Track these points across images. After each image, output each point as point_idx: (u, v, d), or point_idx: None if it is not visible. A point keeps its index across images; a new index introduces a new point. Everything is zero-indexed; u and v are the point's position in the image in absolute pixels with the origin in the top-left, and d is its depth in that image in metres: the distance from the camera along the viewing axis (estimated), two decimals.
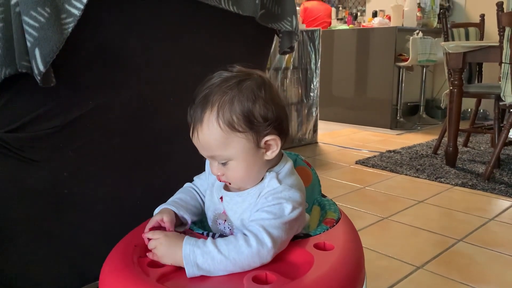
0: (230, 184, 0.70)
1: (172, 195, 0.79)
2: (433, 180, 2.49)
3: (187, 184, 0.82)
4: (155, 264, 0.63)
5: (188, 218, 0.73)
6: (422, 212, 2.02)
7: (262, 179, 0.69)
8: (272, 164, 0.71)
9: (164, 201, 0.76)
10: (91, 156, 1.04)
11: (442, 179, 2.48)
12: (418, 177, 2.55)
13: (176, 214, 0.72)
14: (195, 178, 0.82)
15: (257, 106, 0.65)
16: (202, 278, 0.60)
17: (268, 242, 0.60)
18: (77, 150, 1.00)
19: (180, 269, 0.62)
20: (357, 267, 0.64)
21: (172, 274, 0.61)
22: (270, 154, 0.68)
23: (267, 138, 0.67)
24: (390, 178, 2.55)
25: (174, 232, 0.67)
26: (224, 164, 0.67)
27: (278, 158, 0.72)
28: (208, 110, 0.65)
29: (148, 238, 0.66)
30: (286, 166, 0.71)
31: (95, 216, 1.07)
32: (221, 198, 0.72)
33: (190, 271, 0.60)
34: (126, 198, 1.11)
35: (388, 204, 2.12)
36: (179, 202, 0.75)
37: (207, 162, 0.78)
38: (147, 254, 0.65)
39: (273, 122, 0.66)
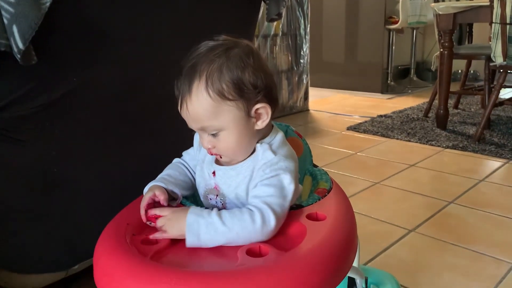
0: (221, 158, 0.69)
1: (162, 170, 0.79)
2: (424, 144, 2.50)
3: (175, 160, 0.81)
4: (149, 242, 0.62)
5: (178, 192, 0.73)
6: (413, 176, 2.04)
7: (254, 151, 0.69)
8: (263, 135, 0.70)
9: (155, 177, 0.76)
10: (79, 134, 1.02)
11: (433, 142, 2.50)
12: (409, 141, 2.57)
13: (166, 190, 0.71)
14: (183, 153, 0.81)
15: (246, 73, 0.64)
16: (197, 254, 0.61)
17: (272, 221, 0.60)
18: (64, 129, 0.99)
19: (174, 245, 0.62)
20: (350, 236, 0.64)
21: (166, 250, 0.61)
22: (261, 124, 0.67)
23: (257, 106, 0.65)
24: (381, 143, 2.56)
25: (180, 207, 0.67)
26: (214, 135, 0.66)
27: (268, 130, 0.71)
28: (196, 80, 0.63)
29: (154, 217, 0.65)
30: (277, 137, 0.70)
31: (86, 194, 1.07)
32: (213, 172, 0.71)
33: (190, 240, 0.60)
34: (116, 175, 1.11)
35: (379, 169, 2.13)
36: (168, 178, 0.74)
37: (196, 138, 0.77)
38: (154, 235, 0.64)
39: (263, 89, 0.65)
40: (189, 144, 0.82)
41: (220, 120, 0.64)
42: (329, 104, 3.70)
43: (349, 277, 0.80)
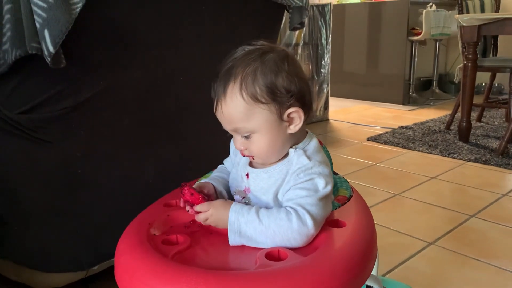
0: (254, 159, 0.70)
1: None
2: (445, 156, 2.47)
3: (221, 165, 0.83)
4: (169, 242, 0.63)
5: (226, 195, 0.75)
6: (434, 188, 2.01)
7: (287, 155, 0.69)
8: (297, 140, 0.70)
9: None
10: (103, 136, 1.04)
11: (455, 155, 2.46)
12: (430, 153, 2.53)
13: (215, 189, 0.74)
14: (224, 161, 0.83)
15: (280, 78, 0.65)
16: (216, 256, 0.61)
17: (309, 220, 0.61)
18: (89, 131, 1.01)
19: (193, 247, 0.63)
20: (369, 243, 0.64)
21: (186, 251, 0.62)
22: (293, 128, 0.68)
23: (290, 110, 0.66)
24: (402, 154, 2.54)
25: (219, 200, 0.68)
26: (247, 137, 0.67)
27: (303, 135, 0.71)
28: (231, 83, 0.65)
29: (196, 211, 0.67)
30: (312, 143, 0.71)
31: (108, 195, 1.09)
32: (247, 175, 0.71)
33: (232, 239, 0.62)
34: (139, 177, 1.13)
35: (400, 180, 2.11)
36: (219, 179, 0.77)
37: (232, 145, 0.78)
38: (201, 224, 0.66)
39: (296, 94, 0.66)
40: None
41: (252, 122, 0.65)
42: (349, 114, 3.69)
43: (367, 286, 0.80)
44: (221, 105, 0.66)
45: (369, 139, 2.85)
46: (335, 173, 0.89)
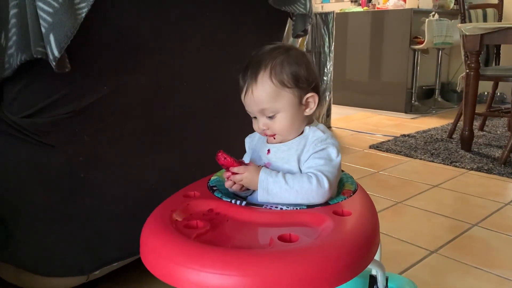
0: (274, 138, 0.81)
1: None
2: (448, 165, 2.46)
3: None
4: (190, 226, 0.68)
5: None
6: (436, 197, 2.00)
7: (303, 132, 0.82)
8: (308, 123, 0.83)
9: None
10: (107, 141, 1.05)
11: (457, 164, 2.46)
12: (432, 161, 2.53)
13: None
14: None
15: (302, 69, 0.79)
16: (233, 238, 0.67)
17: (326, 183, 0.73)
18: (92, 135, 1.01)
19: (213, 230, 0.67)
20: (373, 230, 0.70)
21: (207, 234, 0.67)
22: (309, 111, 0.81)
23: (308, 95, 0.80)
24: (404, 162, 2.53)
25: (253, 165, 0.78)
26: (271, 117, 0.79)
27: (312, 120, 0.85)
28: (262, 71, 0.78)
29: (232, 173, 0.77)
30: (321, 124, 0.84)
31: (111, 200, 1.09)
32: (268, 151, 0.82)
33: (261, 195, 0.74)
34: (141, 182, 1.13)
35: (402, 188, 2.11)
36: None
37: (247, 141, 0.89)
38: (233, 187, 0.78)
39: (312, 83, 0.80)
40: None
41: (278, 103, 0.78)
42: (351, 122, 3.69)
43: (370, 275, 0.86)
44: (251, 89, 0.78)
45: (371, 147, 2.85)
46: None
